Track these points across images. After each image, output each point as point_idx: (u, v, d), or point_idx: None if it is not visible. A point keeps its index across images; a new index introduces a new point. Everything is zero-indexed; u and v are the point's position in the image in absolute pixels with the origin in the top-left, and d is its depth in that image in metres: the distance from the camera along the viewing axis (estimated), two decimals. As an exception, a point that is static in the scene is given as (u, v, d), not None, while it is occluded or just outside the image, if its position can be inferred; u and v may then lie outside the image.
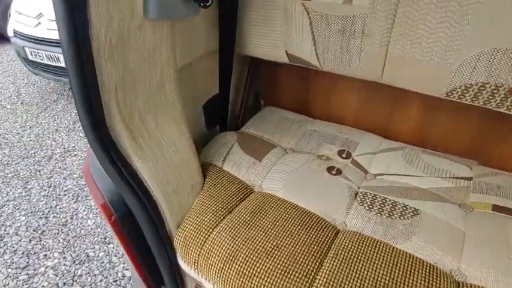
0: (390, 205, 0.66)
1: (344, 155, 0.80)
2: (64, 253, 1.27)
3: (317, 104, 0.95)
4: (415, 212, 0.64)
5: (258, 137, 0.88)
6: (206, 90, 0.86)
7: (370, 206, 0.66)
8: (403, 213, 0.64)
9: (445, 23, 0.52)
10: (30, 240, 1.33)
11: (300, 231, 0.61)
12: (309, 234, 0.61)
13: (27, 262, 1.24)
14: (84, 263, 1.23)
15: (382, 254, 0.58)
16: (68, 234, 1.35)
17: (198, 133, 0.89)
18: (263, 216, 0.65)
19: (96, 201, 0.68)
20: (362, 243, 0.60)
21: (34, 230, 1.37)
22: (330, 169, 0.76)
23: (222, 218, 0.65)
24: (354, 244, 0.59)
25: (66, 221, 1.42)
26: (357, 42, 0.61)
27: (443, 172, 0.74)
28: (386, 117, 0.86)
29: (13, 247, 1.30)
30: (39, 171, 1.71)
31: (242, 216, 0.65)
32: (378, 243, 0.60)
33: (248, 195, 0.71)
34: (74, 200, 1.53)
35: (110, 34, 0.50)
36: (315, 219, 0.64)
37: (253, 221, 0.64)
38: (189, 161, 0.70)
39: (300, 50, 0.69)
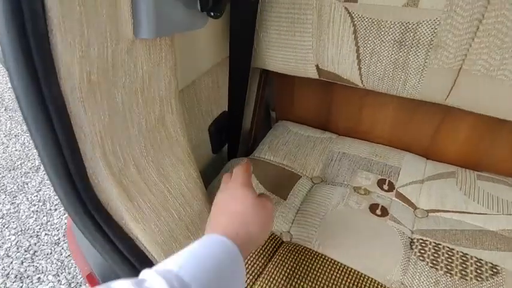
0: (460, 259, 0.52)
1: (386, 187, 0.66)
2: (59, 275, 1.18)
3: (341, 118, 0.80)
4: (495, 270, 0.51)
5: (277, 164, 0.73)
6: (212, 109, 0.70)
7: (435, 262, 0.52)
8: (479, 271, 0.51)
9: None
10: (22, 262, 1.23)
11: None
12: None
13: (21, 287, 1.14)
14: (80, 285, 1.13)
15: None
16: (62, 254, 1.25)
17: (202, 161, 0.73)
18: (301, 280, 0.50)
19: (81, 271, 0.53)
20: (432, 318, 0.47)
21: (25, 251, 1.27)
22: (373, 208, 0.61)
23: (251, 284, 0.51)
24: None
25: (59, 238, 1.31)
26: (420, 57, 0.46)
27: (509, 205, 0.60)
28: (431, 136, 0.72)
29: (5, 270, 1.20)
30: (27, 184, 1.57)
31: (276, 280, 0.50)
32: (455, 318, 0.46)
33: (277, 249, 0.57)
34: (65, 214, 1.40)
35: (87, 67, 0.34)
36: (363, 282, 0.50)
37: (291, 285, 0.49)
38: (201, 213, 0.55)
39: (337, 65, 0.53)
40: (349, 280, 0.51)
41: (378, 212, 0.61)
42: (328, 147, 0.76)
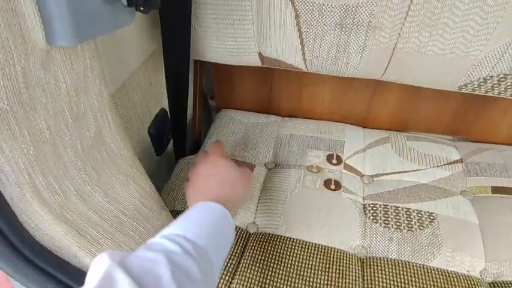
0: (405, 215, 0.59)
1: (335, 161, 0.70)
2: None
3: (283, 100, 0.81)
4: (432, 217, 0.59)
5: (230, 156, 0.71)
6: (149, 108, 0.64)
7: (386, 222, 0.59)
8: (421, 221, 0.59)
9: (474, 9, 0.42)
10: None
11: (327, 273, 0.51)
12: (338, 273, 0.51)
13: None
14: None
15: (420, 280, 0.52)
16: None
17: (147, 167, 0.67)
18: (275, 267, 0.52)
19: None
20: (392, 271, 0.53)
21: None
22: (327, 184, 0.65)
23: (228, 284, 0.50)
24: (383, 273, 0.52)
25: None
26: (360, 38, 0.48)
27: (436, 159, 0.70)
28: (365, 106, 0.78)
29: None
30: None
31: (252, 274, 0.51)
32: (410, 266, 0.53)
33: (247, 243, 0.57)
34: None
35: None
36: (331, 254, 0.54)
37: (268, 275, 0.50)
38: (164, 226, 0.51)
39: (281, 51, 0.53)
40: (319, 256, 0.54)
41: (332, 186, 0.64)
42: (276, 131, 0.77)
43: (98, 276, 0.26)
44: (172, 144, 0.75)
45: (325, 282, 0.50)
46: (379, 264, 0.54)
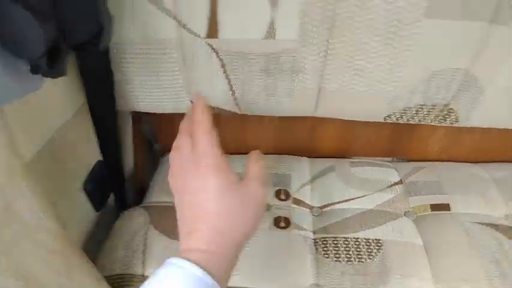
0: (354, 245, 0.60)
1: (283, 196, 0.70)
2: None
3: (228, 138, 0.80)
4: (379, 244, 0.60)
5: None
6: (82, 163, 0.59)
7: (337, 255, 0.59)
8: (369, 250, 0.59)
9: (385, 51, 0.45)
10: None
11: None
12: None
13: None
14: None
15: (373, 312, 0.51)
16: None
17: (85, 225, 0.62)
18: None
19: None
20: (348, 307, 0.52)
21: None
22: (277, 222, 0.64)
23: None
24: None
25: None
26: (285, 81, 0.49)
27: (379, 183, 0.72)
28: (308, 136, 0.79)
29: None
30: None
31: None
32: (364, 299, 0.53)
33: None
34: None
35: None
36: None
37: None
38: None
39: (212, 97, 0.52)
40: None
41: (282, 224, 0.64)
42: (222, 169, 0.75)
43: None
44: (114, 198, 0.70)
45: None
46: (334, 302, 0.53)
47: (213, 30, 0.44)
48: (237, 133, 0.79)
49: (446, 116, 0.55)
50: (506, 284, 0.55)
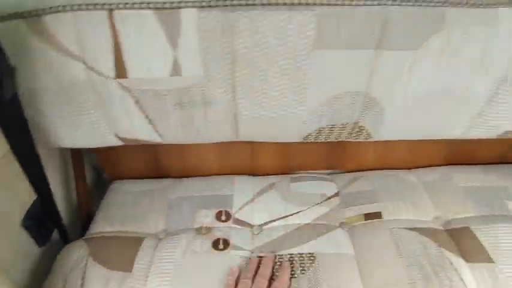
0: (288, 262, 0.62)
1: (224, 217, 0.72)
2: None
3: (171, 161, 0.83)
4: (312, 258, 0.63)
5: (116, 234, 0.68)
6: (17, 203, 0.60)
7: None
8: (302, 265, 0.62)
9: (285, 79, 0.49)
10: None
11: None
12: None
13: None
14: None
15: (303, 326, 0.54)
16: None
17: (30, 262, 0.62)
18: None
19: None
20: (280, 323, 0.54)
21: None
22: (215, 244, 0.66)
23: None
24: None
25: None
26: (200, 113, 0.52)
27: (316, 197, 0.76)
28: (249, 155, 0.82)
29: None
30: None
31: None
32: (295, 314, 0.55)
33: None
34: None
35: None
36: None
37: None
38: None
39: (134, 131, 0.54)
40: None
41: (221, 246, 0.65)
42: (166, 195, 0.77)
43: None
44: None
45: None
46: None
47: (121, 71, 0.46)
48: (178, 156, 0.81)
49: (359, 133, 0.59)
50: (427, 286, 0.59)
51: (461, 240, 0.66)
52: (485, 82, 0.51)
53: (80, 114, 0.51)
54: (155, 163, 0.83)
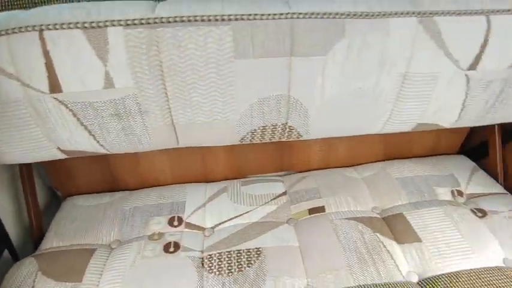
0: (236, 257, 0.66)
1: (176, 222, 0.75)
2: None
3: (125, 174, 0.85)
4: (258, 252, 0.67)
5: (67, 248, 0.69)
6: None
7: (220, 269, 0.64)
8: (249, 259, 0.66)
9: (213, 87, 0.54)
10: None
11: None
12: None
13: None
14: None
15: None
16: None
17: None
18: None
19: None
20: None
21: None
22: (166, 248, 0.68)
23: None
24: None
25: None
26: (138, 122, 0.56)
27: (265, 197, 0.80)
28: (201, 163, 0.86)
29: None
30: None
31: None
32: (241, 306, 0.59)
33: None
34: None
35: None
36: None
37: None
38: None
39: (76, 143, 0.57)
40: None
41: (171, 249, 0.68)
42: (120, 207, 0.79)
43: None
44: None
45: None
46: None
47: (55, 86, 0.50)
48: (132, 169, 0.83)
49: (290, 133, 0.65)
50: (363, 268, 0.64)
51: (394, 225, 0.73)
52: (389, 81, 0.59)
53: (21, 129, 0.53)
54: (110, 178, 0.85)
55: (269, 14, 0.50)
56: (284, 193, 0.82)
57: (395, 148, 0.94)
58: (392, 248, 0.68)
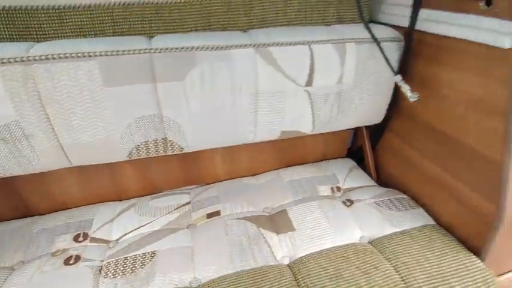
0: (131, 261, 0.74)
1: (81, 238, 0.81)
2: None
3: (38, 201, 0.90)
4: (153, 255, 0.75)
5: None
6: None
7: (115, 273, 0.71)
8: (143, 261, 0.73)
9: (89, 111, 0.64)
10: None
11: None
12: None
13: None
14: None
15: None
16: None
17: None
18: None
19: None
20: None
21: None
22: (67, 261, 0.74)
23: None
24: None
25: None
26: (24, 145, 0.64)
27: (169, 208, 0.90)
28: (110, 182, 0.94)
29: None
30: None
31: None
32: (129, 302, 0.66)
33: None
34: None
35: None
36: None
37: None
38: None
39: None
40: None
41: (72, 261, 0.74)
42: (29, 231, 0.84)
43: None
44: None
45: None
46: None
47: None
48: (42, 193, 0.89)
49: (172, 146, 0.76)
50: (242, 257, 0.74)
51: (277, 220, 0.84)
52: (244, 99, 0.73)
53: None
54: (21, 204, 0.90)
55: (129, 50, 0.63)
56: (188, 203, 0.92)
57: (291, 157, 1.08)
58: (270, 238, 0.79)
